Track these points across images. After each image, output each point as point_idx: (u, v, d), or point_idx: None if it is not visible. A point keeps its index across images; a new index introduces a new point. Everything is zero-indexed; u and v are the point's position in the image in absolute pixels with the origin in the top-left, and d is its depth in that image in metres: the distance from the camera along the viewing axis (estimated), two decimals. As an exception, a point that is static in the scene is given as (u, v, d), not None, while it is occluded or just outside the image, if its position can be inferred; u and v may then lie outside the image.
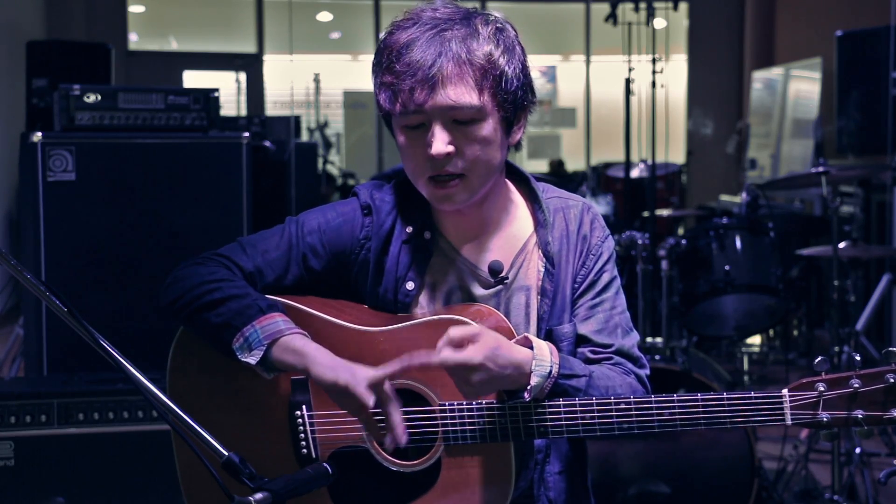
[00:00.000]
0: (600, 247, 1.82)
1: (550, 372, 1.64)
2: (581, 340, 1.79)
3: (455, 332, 1.58)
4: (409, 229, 1.80)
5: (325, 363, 1.60)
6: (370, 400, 1.55)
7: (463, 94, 1.65)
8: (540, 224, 1.81)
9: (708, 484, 3.64)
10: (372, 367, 1.59)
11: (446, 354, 1.56)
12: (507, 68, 1.68)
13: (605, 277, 1.81)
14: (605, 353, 1.78)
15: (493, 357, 1.57)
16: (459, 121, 1.67)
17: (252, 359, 1.64)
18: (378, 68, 1.70)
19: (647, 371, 1.82)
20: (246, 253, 1.78)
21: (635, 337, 1.83)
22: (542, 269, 1.79)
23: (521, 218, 1.84)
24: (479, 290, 1.79)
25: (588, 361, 1.77)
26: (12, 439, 2.74)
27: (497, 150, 1.72)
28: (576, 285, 1.80)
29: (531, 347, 1.65)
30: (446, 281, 1.79)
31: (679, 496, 3.62)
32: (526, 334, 1.69)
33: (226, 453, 1.38)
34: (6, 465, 2.73)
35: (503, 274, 1.78)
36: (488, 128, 1.68)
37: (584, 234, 1.81)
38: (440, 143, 1.66)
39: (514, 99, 1.71)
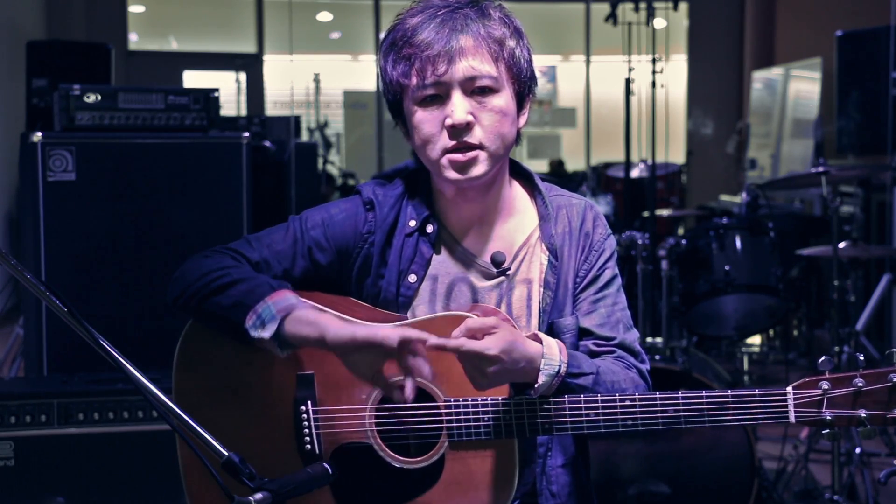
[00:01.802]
0: (602, 244, 1.84)
1: (559, 371, 1.65)
2: (584, 333, 1.81)
3: (473, 322, 1.60)
4: (413, 223, 1.81)
5: (342, 325, 1.61)
6: (394, 338, 1.54)
7: (482, 63, 1.70)
8: (543, 218, 1.83)
9: (708, 484, 3.64)
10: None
11: (464, 342, 1.57)
12: (517, 48, 1.74)
13: (608, 274, 1.83)
14: (608, 345, 1.80)
15: (508, 350, 1.58)
16: (477, 91, 1.70)
17: (266, 333, 1.64)
18: (392, 48, 1.73)
19: (648, 366, 1.84)
20: (252, 246, 1.80)
21: (636, 333, 1.85)
22: (546, 263, 1.80)
23: (524, 212, 1.85)
24: (480, 282, 1.80)
25: (591, 354, 1.79)
26: (12, 439, 2.74)
27: (511, 125, 1.75)
28: (578, 279, 1.82)
29: (541, 343, 1.66)
30: (448, 273, 1.81)
31: (679, 496, 3.61)
32: (536, 332, 1.71)
33: (226, 453, 1.38)
34: (6, 465, 2.73)
35: (505, 265, 1.79)
36: (504, 98, 1.72)
37: (587, 231, 1.83)
38: (461, 111, 1.69)
39: (525, 76, 1.76)
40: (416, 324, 1.71)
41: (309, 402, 1.73)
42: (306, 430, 1.73)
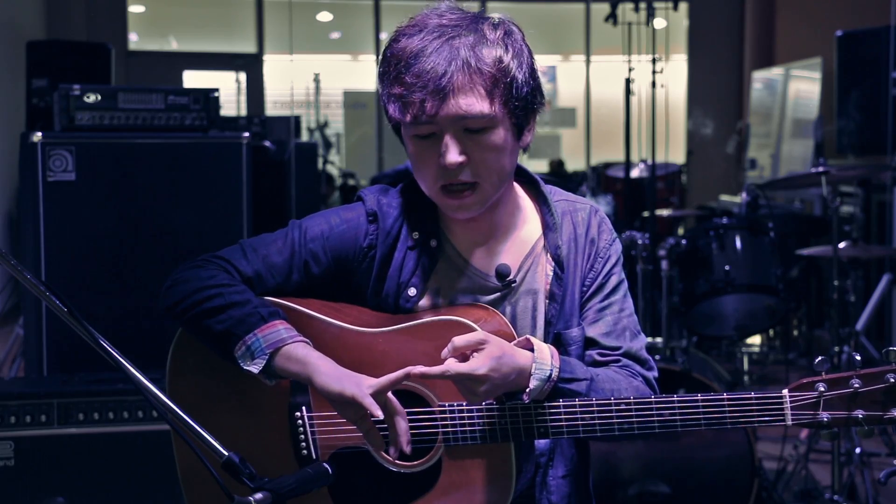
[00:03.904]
0: (608, 250, 1.81)
1: (550, 375, 1.63)
2: (589, 343, 1.78)
3: (459, 341, 1.58)
4: (416, 235, 1.78)
5: (329, 373, 1.60)
6: (378, 410, 1.55)
7: (474, 103, 1.63)
8: (549, 227, 1.80)
9: (708, 484, 3.64)
10: (373, 373, 1.59)
11: (451, 366, 1.56)
12: (517, 73, 1.66)
13: (614, 280, 1.80)
14: (613, 355, 1.78)
15: (496, 367, 1.57)
16: (471, 129, 1.65)
17: (254, 367, 1.64)
18: (386, 78, 1.68)
19: (656, 374, 1.81)
20: (247, 257, 1.76)
21: (643, 339, 1.82)
22: (551, 273, 1.78)
23: (529, 221, 1.82)
24: (484, 296, 1.77)
25: (596, 364, 1.76)
26: (12, 439, 2.74)
27: (508, 157, 1.71)
28: (584, 288, 1.79)
29: (532, 349, 1.64)
30: (452, 288, 1.78)
31: (679, 496, 3.62)
32: (528, 336, 1.69)
33: (226, 453, 1.38)
34: (6, 465, 2.73)
35: (510, 277, 1.77)
36: (499, 135, 1.67)
37: (592, 238, 1.80)
38: (453, 153, 1.64)
39: (525, 104, 1.69)
40: (409, 329, 1.70)
41: (304, 408, 1.72)
42: (302, 436, 1.72)
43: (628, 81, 5.45)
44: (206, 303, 1.68)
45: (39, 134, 3.23)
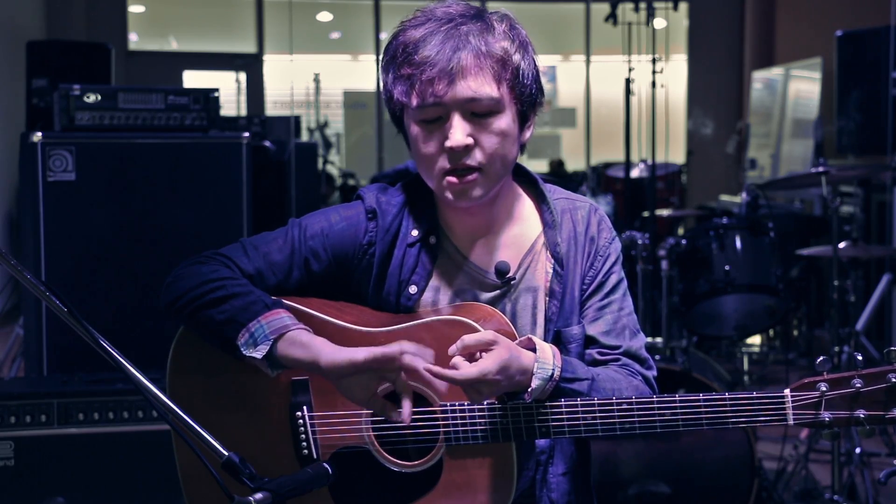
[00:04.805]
0: (608, 248, 1.81)
1: (552, 375, 1.63)
2: (589, 342, 1.79)
3: (469, 339, 1.58)
4: (415, 233, 1.78)
5: (335, 350, 1.59)
6: (397, 349, 1.53)
7: (482, 84, 1.65)
8: (548, 225, 1.80)
9: (708, 484, 3.64)
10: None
11: (464, 372, 1.56)
12: (522, 63, 1.70)
13: (613, 279, 1.81)
14: (612, 354, 1.78)
15: (504, 369, 1.57)
16: (478, 113, 1.67)
17: (258, 353, 1.63)
18: (392, 62, 1.69)
19: (655, 373, 1.81)
20: (247, 255, 1.76)
21: (643, 339, 1.83)
22: (551, 271, 1.78)
23: (528, 219, 1.83)
24: (484, 293, 1.78)
25: (595, 363, 1.77)
26: (12, 439, 2.74)
27: (513, 145, 1.72)
28: (584, 286, 1.79)
29: (534, 348, 1.65)
30: (452, 285, 1.78)
31: (679, 496, 3.62)
32: (529, 336, 1.69)
33: (226, 453, 1.38)
34: (6, 465, 2.73)
35: (510, 274, 1.77)
36: (506, 120, 1.69)
37: (592, 236, 1.81)
38: (460, 133, 1.65)
39: (529, 94, 1.72)
40: (411, 328, 1.70)
41: (305, 408, 1.72)
42: (303, 436, 1.72)
43: (628, 81, 5.45)
44: (208, 294, 1.68)
45: (39, 134, 3.23)
